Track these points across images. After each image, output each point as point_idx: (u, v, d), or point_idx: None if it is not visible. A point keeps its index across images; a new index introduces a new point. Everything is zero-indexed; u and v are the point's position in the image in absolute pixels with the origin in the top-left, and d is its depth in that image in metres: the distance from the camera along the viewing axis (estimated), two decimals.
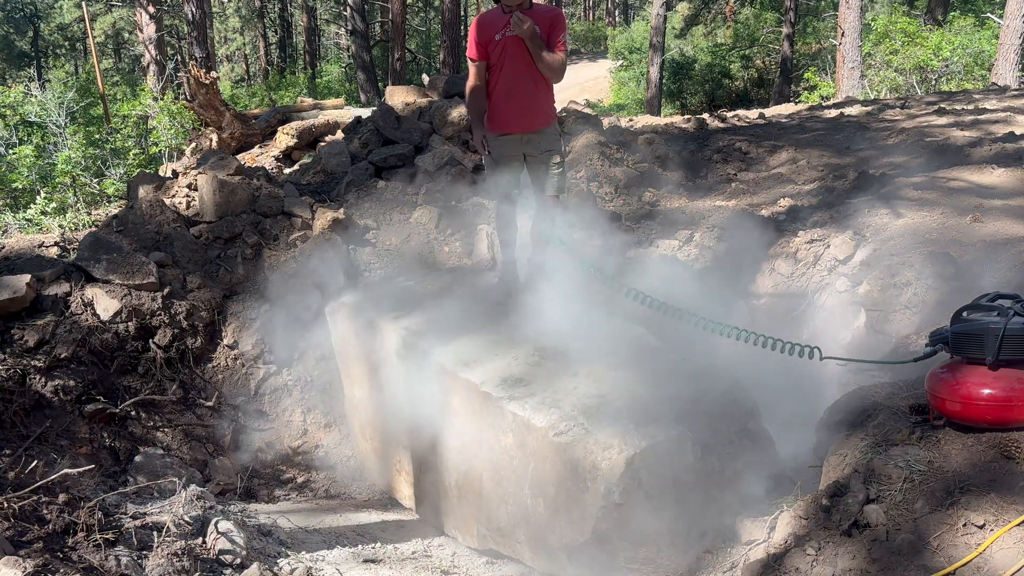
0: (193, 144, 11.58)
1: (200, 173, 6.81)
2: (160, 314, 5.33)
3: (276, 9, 34.87)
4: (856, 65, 15.78)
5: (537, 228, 4.71)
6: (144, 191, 7.06)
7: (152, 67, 17.90)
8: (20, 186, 9.98)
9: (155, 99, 13.01)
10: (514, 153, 4.46)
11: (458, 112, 8.07)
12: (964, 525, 2.53)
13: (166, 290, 5.43)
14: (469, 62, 4.42)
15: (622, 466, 3.20)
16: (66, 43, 37.33)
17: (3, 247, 5.73)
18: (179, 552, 3.28)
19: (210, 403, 5.26)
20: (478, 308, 4.64)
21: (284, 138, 10.62)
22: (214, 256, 5.98)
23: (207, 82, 10.55)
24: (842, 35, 15.79)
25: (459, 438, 4.04)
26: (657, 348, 4.07)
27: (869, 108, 11.00)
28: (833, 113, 10.83)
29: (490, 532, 3.98)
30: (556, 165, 4.50)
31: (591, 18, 50.65)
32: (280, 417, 5.48)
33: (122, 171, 10.60)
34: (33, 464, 3.48)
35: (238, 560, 3.49)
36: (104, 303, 5.17)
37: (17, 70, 32.54)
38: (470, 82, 4.47)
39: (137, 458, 4.55)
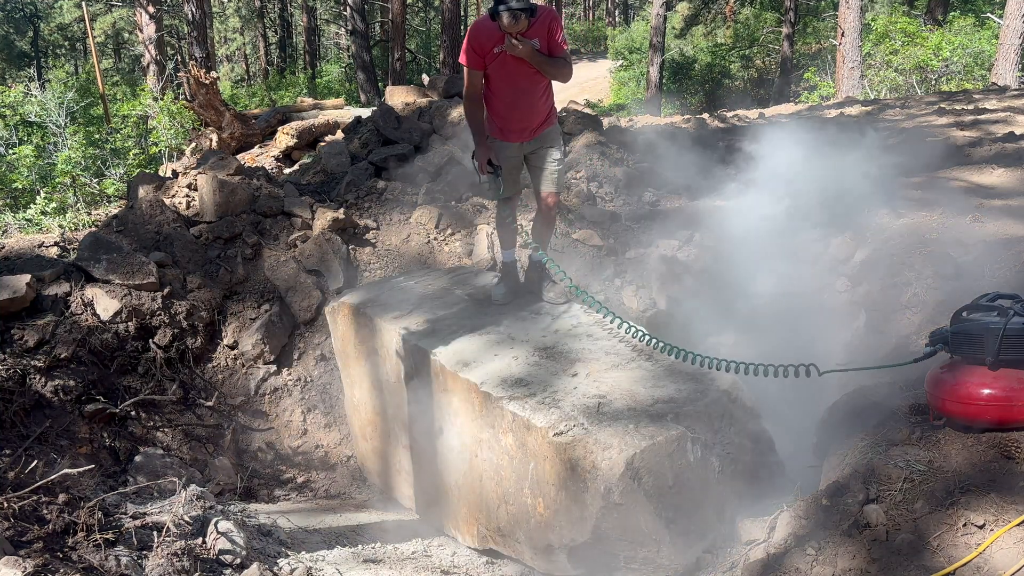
0: (193, 144, 11.58)
1: (200, 173, 6.82)
2: (160, 314, 5.34)
3: (276, 9, 34.86)
4: (856, 65, 15.78)
5: (536, 229, 4.71)
6: (144, 191, 7.06)
7: (152, 67, 17.91)
8: (20, 186, 9.99)
9: (155, 99, 13.02)
10: (515, 155, 4.44)
11: (458, 112, 8.07)
12: (964, 525, 2.53)
13: (166, 290, 5.43)
14: (465, 69, 4.25)
15: (622, 466, 3.20)
16: (66, 43, 37.32)
17: (3, 247, 5.73)
18: (179, 552, 3.28)
19: (210, 403, 5.26)
20: (478, 308, 4.64)
21: (284, 138, 10.63)
22: (214, 256, 5.98)
23: (207, 82, 10.56)
24: (842, 35, 15.80)
25: (459, 438, 4.04)
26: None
27: (869, 108, 11.00)
28: (833, 113, 10.83)
29: (490, 532, 3.99)
30: (556, 162, 4.47)
31: (591, 18, 50.63)
32: (280, 417, 5.48)
33: (122, 171, 10.61)
34: (33, 464, 3.48)
35: (238, 560, 3.49)
36: (104, 303, 5.17)
37: (17, 70, 32.53)
38: (468, 91, 4.30)
39: (137, 458, 4.54)
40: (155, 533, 3.40)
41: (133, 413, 4.88)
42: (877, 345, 4.70)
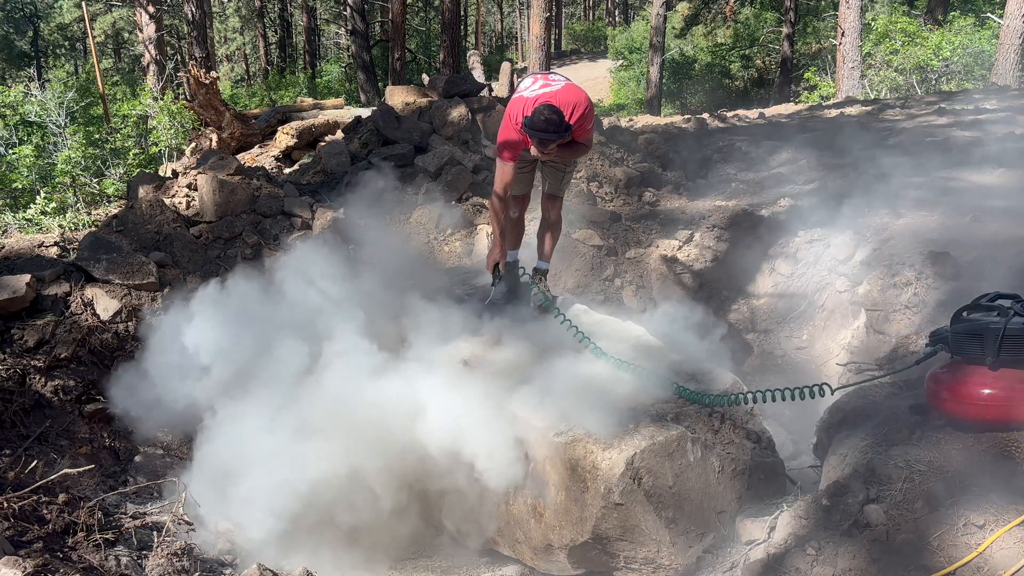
0: (193, 144, 11.57)
1: (200, 173, 6.82)
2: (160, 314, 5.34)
3: (276, 9, 34.84)
4: (856, 65, 15.77)
5: (540, 234, 4.69)
6: (144, 191, 7.07)
7: (152, 67, 17.88)
8: (20, 186, 9.97)
9: (155, 99, 12.99)
10: (531, 156, 4.40)
11: (458, 112, 8.07)
12: (964, 525, 2.53)
13: (166, 290, 5.43)
14: (500, 161, 4.10)
15: (622, 466, 3.21)
16: (66, 43, 37.32)
17: (3, 247, 5.72)
18: (179, 552, 3.29)
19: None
20: (478, 308, 4.64)
21: (284, 138, 10.61)
22: (214, 256, 5.98)
23: (207, 82, 10.54)
24: (842, 35, 15.79)
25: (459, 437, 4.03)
26: (657, 348, 4.07)
27: (869, 108, 11.01)
28: (833, 113, 10.84)
29: (489, 531, 3.98)
30: (571, 169, 4.51)
31: (591, 18, 50.64)
32: None
33: (122, 171, 10.59)
34: (33, 464, 3.48)
35: (238, 559, 3.49)
36: (104, 303, 5.17)
37: (17, 70, 32.53)
38: (500, 187, 4.14)
39: (137, 458, 4.54)
40: (155, 533, 3.40)
41: None
42: (877, 345, 4.71)
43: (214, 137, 11.07)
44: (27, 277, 4.95)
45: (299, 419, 3.75)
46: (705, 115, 11.60)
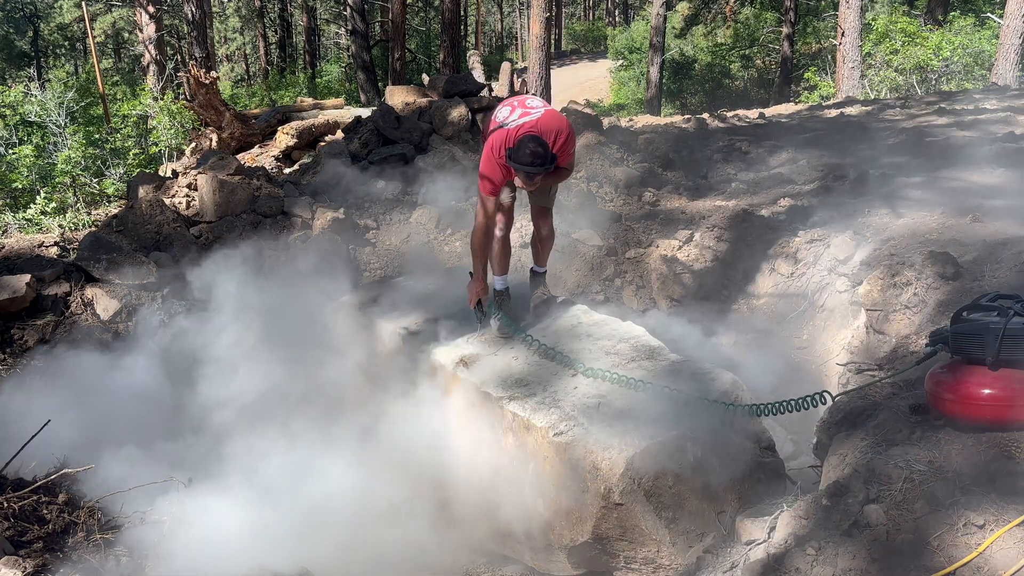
0: (193, 144, 11.58)
1: (200, 173, 6.82)
2: (160, 314, 5.33)
3: (276, 9, 34.82)
4: (856, 65, 15.77)
5: (533, 242, 4.56)
6: (144, 191, 7.07)
7: (152, 67, 17.89)
8: (20, 186, 9.97)
9: (155, 99, 13.00)
10: None
11: (458, 112, 8.08)
12: (964, 525, 2.53)
13: (166, 290, 5.43)
14: (484, 197, 4.02)
15: (622, 466, 3.20)
16: (66, 43, 37.32)
17: (3, 247, 5.73)
18: (179, 551, 3.28)
19: None
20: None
21: (284, 138, 10.61)
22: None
23: (207, 82, 10.55)
24: (842, 35, 15.78)
25: (458, 438, 4.04)
26: (657, 348, 4.06)
27: (869, 108, 11.01)
28: (833, 113, 10.84)
29: (490, 532, 3.98)
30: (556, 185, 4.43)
31: (591, 18, 50.65)
32: None
33: (122, 171, 10.60)
34: (33, 464, 3.48)
35: (238, 559, 3.48)
36: (104, 303, 5.17)
37: (17, 70, 32.52)
38: (484, 220, 4.06)
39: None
40: (155, 533, 3.40)
41: None
42: (877, 345, 4.70)
43: (214, 137, 11.08)
44: (27, 277, 4.95)
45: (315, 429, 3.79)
46: (705, 115, 11.59)
